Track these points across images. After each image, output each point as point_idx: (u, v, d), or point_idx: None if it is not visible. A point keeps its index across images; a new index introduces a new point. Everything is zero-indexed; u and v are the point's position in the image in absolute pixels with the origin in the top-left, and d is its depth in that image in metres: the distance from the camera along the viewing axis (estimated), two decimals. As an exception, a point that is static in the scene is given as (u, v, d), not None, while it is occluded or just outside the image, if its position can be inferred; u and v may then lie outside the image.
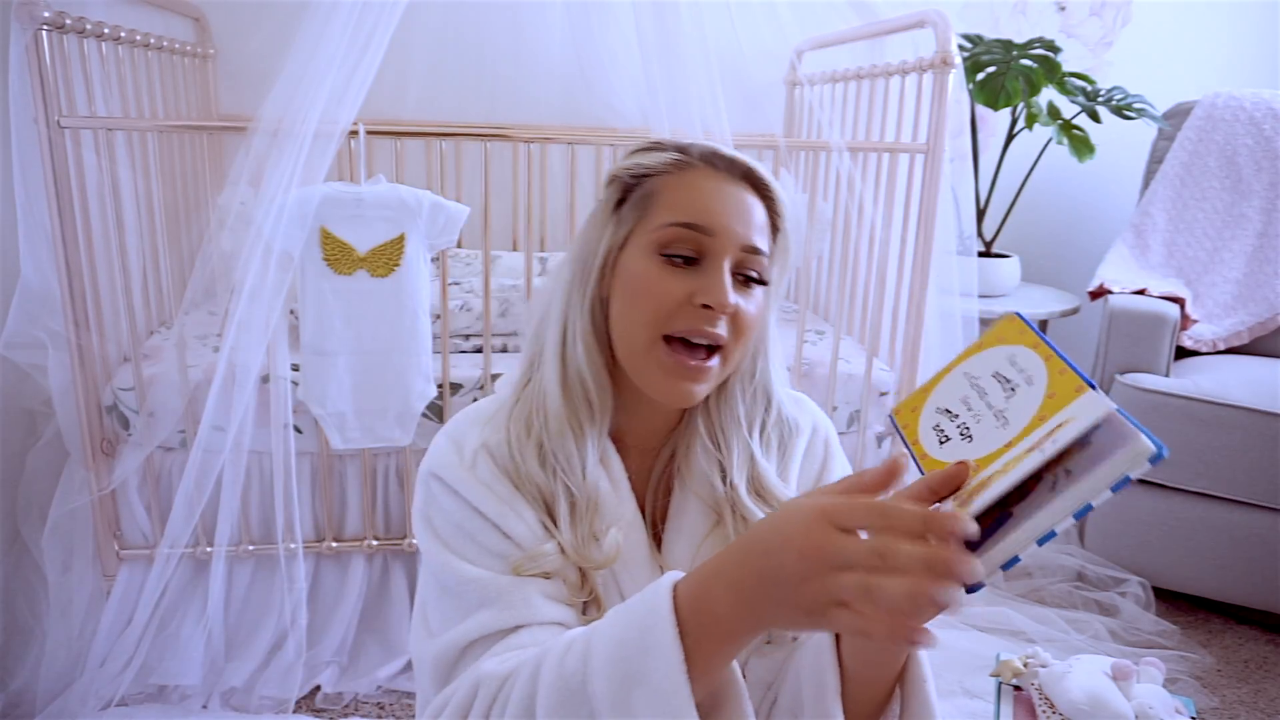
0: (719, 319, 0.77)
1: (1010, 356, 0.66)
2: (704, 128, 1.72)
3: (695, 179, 0.79)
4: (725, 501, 0.83)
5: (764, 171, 0.82)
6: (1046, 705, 1.20)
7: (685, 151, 0.81)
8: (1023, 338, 0.67)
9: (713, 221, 0.77)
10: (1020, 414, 0.62)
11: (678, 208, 0.78)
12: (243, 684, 1.64)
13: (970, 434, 0.64)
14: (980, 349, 0.69)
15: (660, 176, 0.80)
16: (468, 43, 2.44)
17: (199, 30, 2.34)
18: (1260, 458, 1.89)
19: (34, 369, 1.62)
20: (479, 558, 0.77)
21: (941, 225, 1.87)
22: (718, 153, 0.81)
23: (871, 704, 0.75)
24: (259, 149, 1.57)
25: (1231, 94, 2.44)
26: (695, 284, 0.77)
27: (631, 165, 0.82)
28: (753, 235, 0.79)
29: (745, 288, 0.79)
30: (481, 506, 0.77)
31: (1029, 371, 0.64)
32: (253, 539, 1.75)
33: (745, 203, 0.79)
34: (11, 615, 1.66)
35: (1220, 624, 2.02)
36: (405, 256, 1.62)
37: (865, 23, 2.05)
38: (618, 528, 0.81)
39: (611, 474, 0.84)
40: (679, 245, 0.77)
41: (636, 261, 0.79)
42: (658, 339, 0.77)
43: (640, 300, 0.78)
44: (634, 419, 0.86)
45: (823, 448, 0.91)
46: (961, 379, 0.69)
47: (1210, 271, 2.40)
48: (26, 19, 1.45)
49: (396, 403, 1.68)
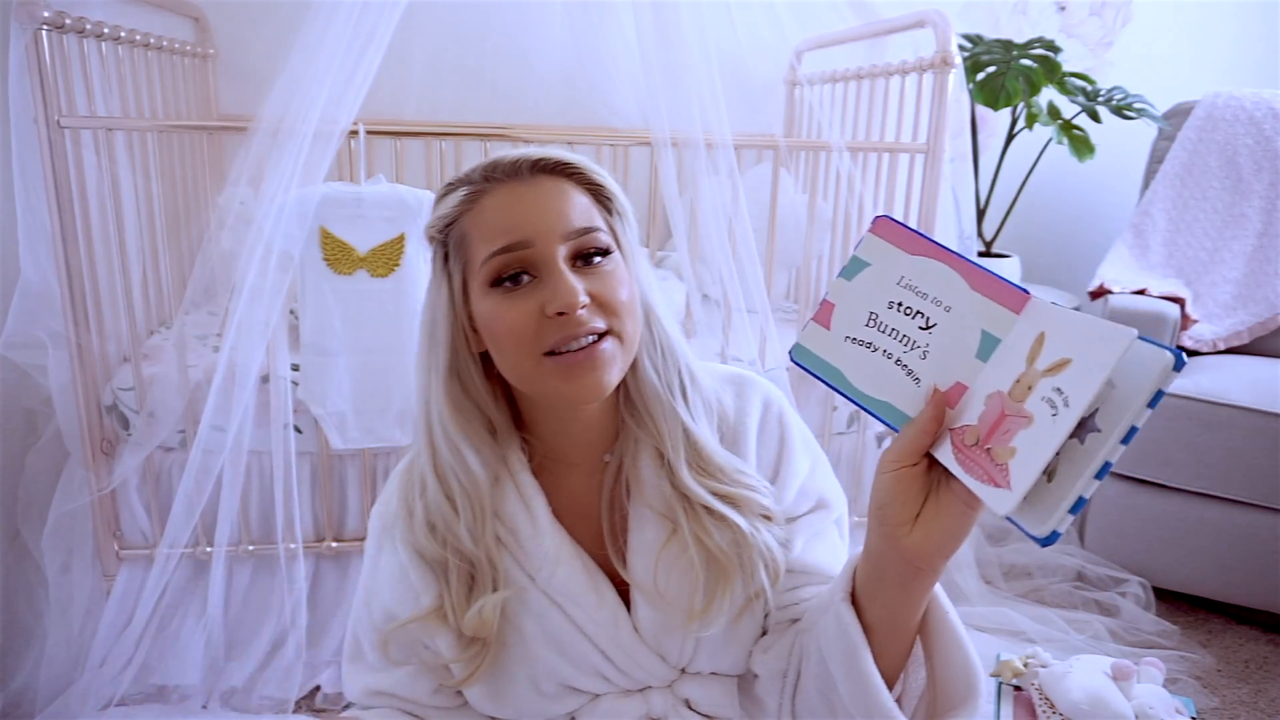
0: (579, 317, 0.74)
1: (902, 279, 0.65)
2: (704, 127, 1.72)
3: (489, 202, 0.77)
4: (676, 500, 0.81)
5: (551, 151, 0.79)
6: (1046, 705, 1.20)
7: (470, 180, 0.79)
8: (915, 248, 0.65)
9: (523, 233, 0.75)
10: (955, 340, 0.61)
11: (486, 238, 0.76)
12: (243, 684, 1.64)
13: (905, 365, 0.64)
14: (860, 270, 0.67)
15: (462, 217, 0.78)
16: (468, 43, 2.44)
17: (199, 30, 2.34)
18: (1260, 458, 1.89)
19: (34, 369, 1.62)
20: (381, 617, 0.86)
21: (941, 225, 1.87)
22: (497, 164, 0.78)
23: (900, 653, 0.74)
24: (259, 149, 1.56)
25: (1232, 94, 2.44)
26: (540, 297, 0.74)
27: (434, 220, 0.80)
28: (571, 219, 0.76)
29: (591, 268, 0.77)
30: (382, 565, 0.85)
31: (935, 293, 0.63)
32: (253, 539, 1.75)
33: (550, 193, 0.77)
34: (11, 615, 1.66)
35: (1220, 624, 2.02)
36: (405, 256, 1.62)
37: (865, 23, 2.05)
38: (543, 570, 0.82)
39: (530, 509, 0.83)
40: (506, 270, 0.75)
41: (481, 305, 0.77)
42: (539, 360, 0.75)
43: (502, 339, 0.76)
44: (565, 438, 0.84)
45: (777, 425, 0.88)
46: (860, 309, 0.66)
47: (1210, 271, 2.40)
48: (26, 19, 1.45)
49: (396, 403, 1.68)
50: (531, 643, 0.82)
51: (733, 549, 0.80)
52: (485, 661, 0.80)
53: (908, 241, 0.65)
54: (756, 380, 0.90)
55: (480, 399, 0.81)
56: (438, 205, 0.80)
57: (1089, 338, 0.54)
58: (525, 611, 0.82)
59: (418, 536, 0.81)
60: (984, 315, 0.61)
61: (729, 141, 1.74)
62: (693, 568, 0.79)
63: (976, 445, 0.58)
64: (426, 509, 0.81)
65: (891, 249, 0.65)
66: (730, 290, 1.79)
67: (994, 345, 0.60)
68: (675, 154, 1.72)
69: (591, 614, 0.82)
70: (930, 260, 0.64)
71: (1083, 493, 0.53)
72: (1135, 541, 2.05)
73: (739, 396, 0.88)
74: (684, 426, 0.82)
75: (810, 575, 0.85)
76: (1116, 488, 2.05)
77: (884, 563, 0.69)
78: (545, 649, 0.82)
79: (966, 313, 0.61)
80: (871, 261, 0.66)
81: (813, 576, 0.85)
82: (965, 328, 0.61)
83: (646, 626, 0.82)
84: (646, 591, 0.81)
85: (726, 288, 1.79)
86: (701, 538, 0.80)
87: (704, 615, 0.79)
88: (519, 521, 0.82)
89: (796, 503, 0.87)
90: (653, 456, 0.82)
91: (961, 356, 0.61)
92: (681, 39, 1.71)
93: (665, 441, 0.81)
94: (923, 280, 0.63)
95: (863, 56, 2.14)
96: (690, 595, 0.80)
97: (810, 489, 0.88)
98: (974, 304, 0.61)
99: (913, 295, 0.64)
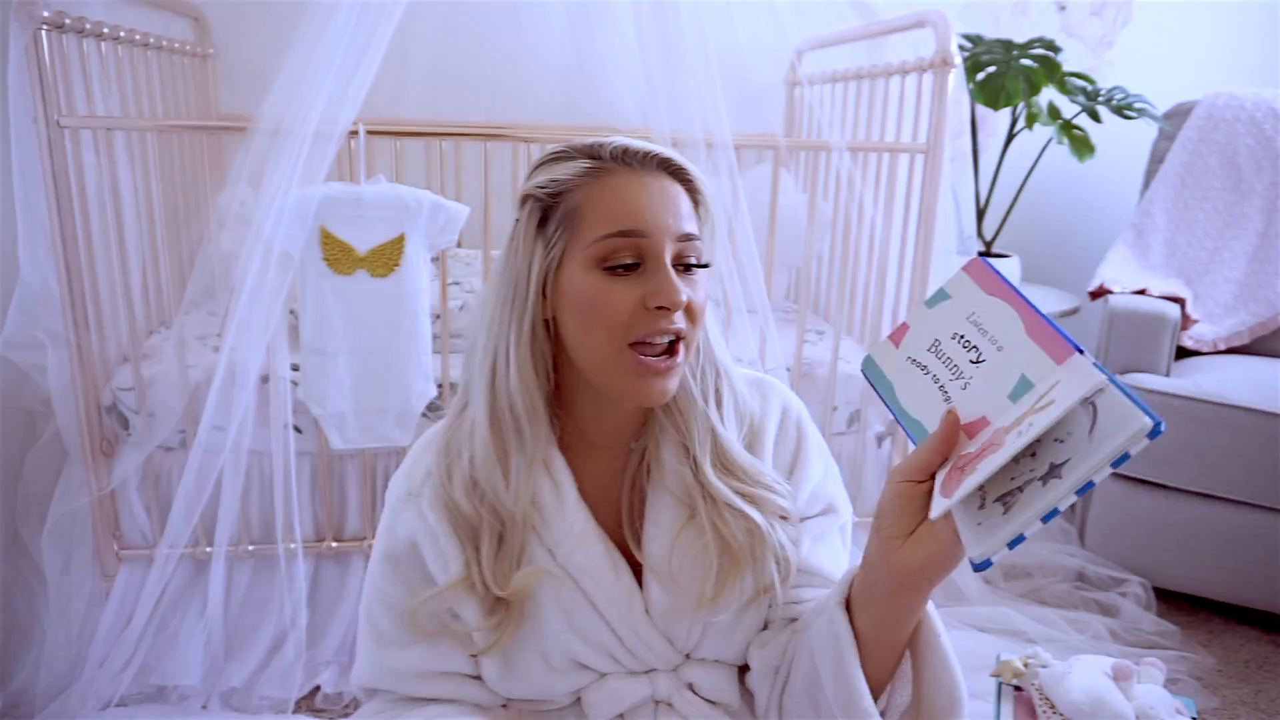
0: (675, 316, 0.77)
1: (973, 314, 0.67)
2: (704, 128, 1.72)
3: (615, 183, 0.78)
4: (696, 489, 0.83)
5: (676, 155, 0.81)
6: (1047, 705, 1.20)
7: (596, 155, 0.79)
8: (992, 289, 0.67)
9: (644, 223, 0.76)
10: (996, 378, 0.63)
11: (606, 218, 0.77)
12: (243, 684, 1.64)
13: (948, 394, 0.67)
14: (941, 301, 0.70)
15: (579, 189, 0.78)
16: (468, 43, 2.44)
17: (198, 30, 2.33)
18: (1260, 458, 1.89)
19: (34, 369, 1.62)
20: (403, 591, 0.86)
21: (941, 225, 1.87)
22: (629, 149, 0.79)
23: (886, 665, 0.76)
24: (259, 149, 1.56)
25: (1232, 94, 2.44)
26: (644, 288, 0.77)
27: (544, 182, 0.80)
28: (683, 223, 0.79)
29: (688, 274, 0.80)
30: (418, 541, 0.84)
31: (995, 331, 0.65)
32: (253, 539, 1.74)
33: (669, 193, 0.79)
34: (11, 615, 1.66)
35: (1221, 624, 2.02)
36: (405, 256, 1.62)
37: (865, 23, 2.05)
38: (563, 547, 0.82)
39: (560, 489, 0.84)
40: (618, 255, 0.76)
41: (579, 279, 0.77)
42: (623, 348, 0.77)
43: (596, 317, 0.77)
44: (600, 422, 0.86)
45: (795, 430, 0.91)
46: (928, 334, 0.70)
47: (1211, 271, 2.40)
48: (26, 19, 1.44)
49: (396, 403, 1.68)
50: (547, 616, 0.83)
51: (747, 540, 0.82)
52: (509, 630, 0.81)
53: (990, 282, 0.68)
54: (776, 385, 0.93)
55: (544, 363, 0.82)
56: (548, 168, 0.80)
57: (1079, 385, 0.56)
58: (543, 585, 0.83)
59: (455, 493, 0.81)
60: (1029, 360, 0.62)
61: (729, 141, 1.74)
62: (706, 553, 0.81)
63: (962, 469, 0.61)
64: (471, 466, 0.81)
65: (973, 286, 0.69)
66: (730, 290, 1.79)
67: (1027, 389, 0.62)
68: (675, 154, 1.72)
69: (608, 592, 0.83)
70: (1000, 301, 0.66)
71: (1024, 530, 0.55)
72: (1135, 541, 2.05)
73: (761, 400, 0.91)
74: (712, 428, 0.84)
75: (811, 577, 0.87)
76: (1117, 488, 2.05)
77: (875, 573, 0.71)
78: (559, 623, 0.83)
79: (1014, 354, 0.63)
80: (953, 295, 0.70)
81: (814, 578, 0.87)
82: (1008, 368, 0.63)
83: (658, 609, 0.84)
84: (660, 574, 0.83)
85: (726, 288, 1.79)
86: (718, 525, 0.82)
87: (714, 602, 0.81)
88: (546, 497, 0.83)
89: (807, 505, 0.89)
90: (676, 446, 0.85)
91: (996, 394, 0.63)
92: (681, 39, 1.71)
93: (693, 439, 0.84)
94: (988, 318, 0.66)
95: (863, 56, 2.14)
96: (702, 581, 0.82)
97: (821, 493, 0.91)
98: (1023, 347, 0.63)
99: (975, 330, 0.67)
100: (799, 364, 1.91)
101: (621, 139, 0.80)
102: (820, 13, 2.17)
